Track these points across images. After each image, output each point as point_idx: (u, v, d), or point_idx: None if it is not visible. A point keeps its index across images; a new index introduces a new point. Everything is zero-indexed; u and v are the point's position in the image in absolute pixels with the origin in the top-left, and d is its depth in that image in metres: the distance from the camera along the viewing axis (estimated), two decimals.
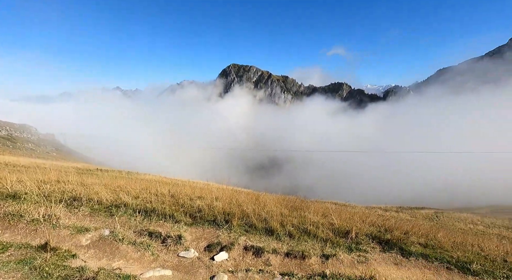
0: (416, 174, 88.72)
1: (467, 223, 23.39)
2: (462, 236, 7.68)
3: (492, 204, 40.65)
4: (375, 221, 7.97)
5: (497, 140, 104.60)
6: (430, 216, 26.57)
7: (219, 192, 8.17)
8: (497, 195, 48.11)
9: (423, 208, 32.34)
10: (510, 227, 22.21)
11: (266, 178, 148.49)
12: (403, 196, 61.39)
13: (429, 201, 48.01)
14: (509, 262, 5.34)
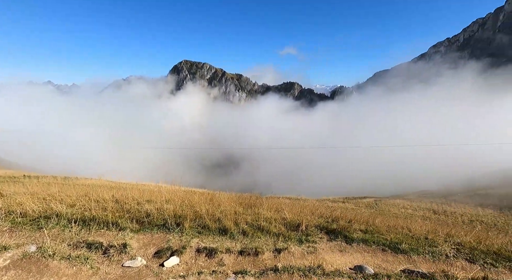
0: (360, 166, 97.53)
1: (400, 208, 26.81)
2: (395, 220, 8.72)
3: (418, 190, 47.16)
4: (323, 212, 8.53)
5: (427, 133, 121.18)
6: (371, 204, 29.69)
7: (170, 194, 7.79)
8: (423, 182, 55.94)
9: (365, 197, 35.93)
10: (432, 209, 26.17)
11: (224, 177, 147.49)
12: (349, 187, 66.99)
13: (370, 190, 53.49)
14: (429, 239, 6.24)
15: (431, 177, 58.67)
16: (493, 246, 5.91)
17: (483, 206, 27.16)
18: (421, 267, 4.86)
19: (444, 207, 27.00)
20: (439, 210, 25.05)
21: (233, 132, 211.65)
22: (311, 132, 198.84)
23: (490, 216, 23.03)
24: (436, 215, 23.74)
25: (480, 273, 4.48)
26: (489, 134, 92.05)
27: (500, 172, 47.09)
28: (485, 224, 20.17)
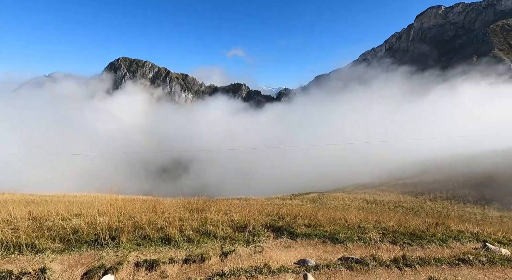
0: (307, 164, 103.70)
1: (339, 200, 29.46)
2: (334, 212, 9.50)
3: (354, 183, 52.57)
4: (270, 211, 8.78)
5: (365, 130, 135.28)
6: (315, 198, 31.89)
7: (105, 204, 7.00)
8: (358, 176, 62.47)
9: (309, 193, 38.41)
10: (365, 199, 29.46)
11: (172, 182, 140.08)
12: (297, 184, 70.54)
13: (315, 186, 57.40)
14: (361, 227, 6.97)
15: (365, 170, 65.76)
16: (409, 228, 6.91)
17: (403, 193, 31.75)
18: (355, 253, 5.38)
19: (375, 196, 30.68)
20: (370, 200, 28.34)
21: (180, 134, 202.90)
22: (260, 133, 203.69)
23: (409, 201, 27.06)
24: (368, 204, 26.80)
25: (400, 252, 5.18)
26: (415, 130, 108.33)
27: (416, 163, 55.76)
28: (405, 209, 23.62)
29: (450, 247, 5.70)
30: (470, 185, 30.27)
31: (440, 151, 61.50)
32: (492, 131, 67.69)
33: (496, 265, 4.73)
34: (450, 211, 22.01)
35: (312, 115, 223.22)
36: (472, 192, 27.89)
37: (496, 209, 23.00)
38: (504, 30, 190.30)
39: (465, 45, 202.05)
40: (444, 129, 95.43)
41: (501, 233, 6.55)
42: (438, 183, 33.29)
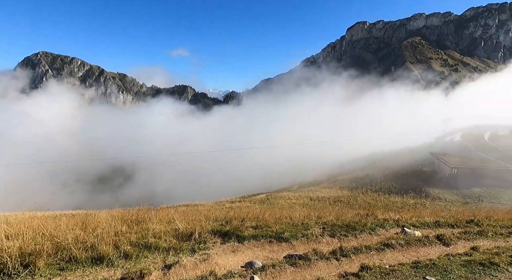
0: (256, 166, 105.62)
1: (286, 199, 30.83)
2: (280, 211, 9.85)
3: (299, 182, 55.74)
4: (218, 215, 8.62)
5: (314, 131, 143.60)
6: (264, 199, 32.71)
7: (18, 225, 5.87)
8: (303, 174, 66.41)
9: (258, 194, 39.21)
10: (309, 196, 31.50)
11: (111, 192, 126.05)
12: (247, 186, 71.13)
13: (264, 187, 58.89)
14: (305, 224, 7.38)
15: (309, 169, 70.22)
16: (346, 220, 7.60)
17: (341, 189, 35.01)
18: (299, 249, 5.65)
19: (317, 193, 33.06)
20: (314, 197, 30.43)
21: (119, 139, 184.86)
22: (209, 136, 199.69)
23: (346, 196, 29.95)
24: (312, 201, 28.72)
25: (337, 244, 5.64)
26: (357, 129, 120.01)
27: (352, 161, 62.12)
28: (343, 203, 26.06)
29: (378, 234, 6.45)
30: (392, 178, 35.10)
31: (370, 148, 69.86)
32: (411, 130, 79.80)
33: (411, 246, 5.53)
34: (378, 202, 25.11)
35: (261, 117, 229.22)
36: (394, 184, 32.38)
37: (411, 197, 27.14)
38: (412, 46, 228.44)
39: (386, 57, 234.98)
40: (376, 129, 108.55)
41: (415, 218, 7.71)
42: (368, 178, 37.65)
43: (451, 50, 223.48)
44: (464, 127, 72.99)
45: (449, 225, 7.04)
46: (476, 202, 24.50)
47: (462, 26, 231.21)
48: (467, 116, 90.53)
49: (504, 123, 69.60)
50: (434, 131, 71.98)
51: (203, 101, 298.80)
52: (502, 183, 29.10)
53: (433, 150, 44.99)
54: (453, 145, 53.81)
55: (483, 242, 5.77)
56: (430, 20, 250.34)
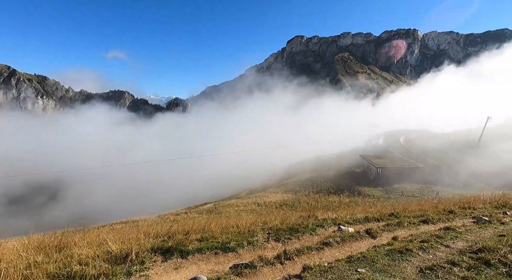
0: (204, 174, 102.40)
1: (234, 207, 30.68)
2: (227, 220, 9.71)
3: (247, 188, 56.30)
4: (159, 230, 8.01)
5: (264, 137, 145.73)
6: (211, 208, 31.91)
7: None
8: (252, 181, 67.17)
9: (206, 203, 38.13)
10: (256, 202, 32.00)
11: (30, 215, 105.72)
12: (194, 196, 68.37)
13: (213, 195, 57.56)
14: (251, 231, 7.42)
15: (257, 176, 71.43)
16: (290, 223, 7.91)
17: (286, 192, 36.61)
18: (245, 258, 5.62)
19: (264, 198, 33.83)
20: (261, 202, 31.02)
21: (39, 151, 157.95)
22: (152, 146, 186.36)
23: (291, 199, 31.42)
24: (259, 206, 29.23)
25: (282, 248, 5.82)
26: (301, 135, 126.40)
27: (296, 166, 65.67)
28: (288, 206, 27.24)
29: (318, 234, 6.89)
30: (331, 179, 38.33)
31: (312, 153, 75.12)
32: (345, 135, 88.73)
33: (346, 242, 6.06)
34: (319, 202, 27.04)
35: (209, 124, 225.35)
36: (332, 185, 35.37)
37: (347, 196, 30.04)
38: (343, 60, 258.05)
39: (322, 69, 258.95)
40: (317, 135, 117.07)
41: (349, 216, 8.51)
42: (310, 181, 40.32)
43: (373, 65, 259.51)
44: (385, 132, 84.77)
45: (375, 219, 7.97)
46: (399, 197, 28.50)
47: (380, 45, 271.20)
48: (388, 122, 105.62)
49: (415, 128, 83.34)
50: (363, 136, 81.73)
51: (144, 108, 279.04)
52: (414, 179, 34.64)
53: (363, 153, 50.93)
54: (377, 148, 61.84)
55: (401, 231, 6.70)
56: (356, 39, 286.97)
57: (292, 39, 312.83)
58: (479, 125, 47.65)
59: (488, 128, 47.01)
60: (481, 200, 10.22)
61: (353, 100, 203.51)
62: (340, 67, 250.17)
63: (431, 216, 7.83)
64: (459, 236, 5.66)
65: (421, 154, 48.83)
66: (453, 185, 32.21)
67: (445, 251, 4.79)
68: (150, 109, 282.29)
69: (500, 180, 31.12)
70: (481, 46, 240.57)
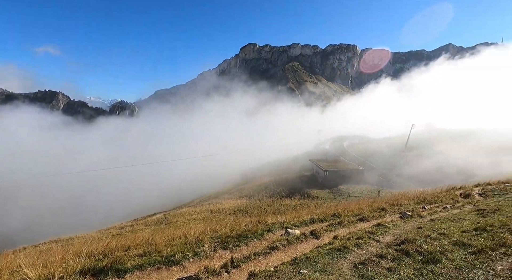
0: (155, 183, 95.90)
1: (186, 216, 29.39)
2: (174, 231, 9.20)
3: (201, 195, 54.63)
4: (95, 248, 7.18)
5: (222, 141, 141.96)
6: (161, 219, 29.99)
7: None
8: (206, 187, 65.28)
9: (154, 213, 35.71)
10: (210, 209, 31.21)
11: None
12: (143, 206, 63.69)
13: (163, 205, 54.27)
14: (199, 240, 7.14)
15: (211, 181, 69.81)
16: (239, 230, 7.86)
17: (241, 198, 36.61)
18: (190, 270, 5.36)
19: (218, 205, 33.23)
20: (214, 209, 30.37)
21: None
22: (93, 152, 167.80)
23: (244, 204, 31.50)
24: (213, 213, 28.56)
25: (229, 256, 5.72)
26: (262, 138, 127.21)
27: (249, 171, 66.29)
28: (242, 212, 27.21)
29: (266, 239, 6.98)
30: (283, 183, 39.70)
31: (266, 158, 76.86)
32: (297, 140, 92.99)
33: (292, 244, 6.27)
34: (272, 206, 27.68)
35: (160, 129, 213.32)
36: (284, 189, 36.63)
37: (297, 198, 31.41)
38: (293, 69, 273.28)
39: (274, 77, 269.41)
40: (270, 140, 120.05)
41: (296, 218, 8.87)
42: (263, 185, 41.09)
43: (319, 75, 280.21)
44: (332, 137, 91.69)
45: (320, 220, 8.46)
46: (345, 197, 30.85)
47: (325, 57, 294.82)
48: (334, 128, 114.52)
49: (357, 134, 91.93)
50: (312, 141, 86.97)
51: (83, 112, 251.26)
52: (356, 180, 38.11)
53: (312, 157, 54.12)
54: (325, 152, 66.45)
55: (341, 230, 7.22)
56: (304, 50, 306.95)
57: (245, 46, 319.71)
58: (407, 131, 55.04)
59: (413, 134, 54.63)
60: (406, 197, 11.69)
61: (304, 108, 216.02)
62: (290, 75, 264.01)
63: (367, 214, 8.64)
64: (387, 231, 6.34)
65: (362, 157, 54.07)
66: (387, 184, 36.33)
67: (376, 245, 5.30)
68: (90, 113, 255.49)
69: (424, 179, 36.30)
70: (405, 63, 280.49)
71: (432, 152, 45.62)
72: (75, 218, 77.26)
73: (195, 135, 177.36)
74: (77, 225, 48.92)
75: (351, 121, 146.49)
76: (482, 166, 33.68)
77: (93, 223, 47.95)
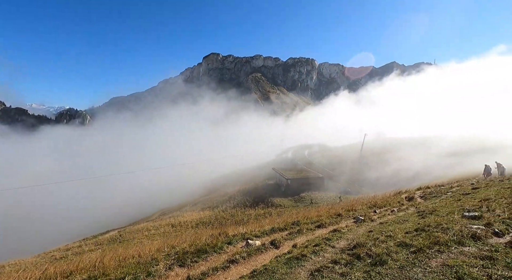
0: (109, 196, 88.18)
1: (144, 231, 27.41)
2: (126, 250, 8.47)
3: (161, 209, 51.68)
4: (28, 277, 6.28)
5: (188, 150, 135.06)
6: (115, 236, 27.50)
7: None
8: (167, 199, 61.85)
9: (107, 231, 32.68)
10: (170, 223, 29.61)
11: None
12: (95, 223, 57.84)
13: (119, 221, 49.94)
14: (155, 259, 6.67)
15: (173, 194, 66.44)
16: (199, 245, 7.55)
17: (203, 210, 35.47)
18: None
19: (179, 218, 31.69)
20: (175, 223, 28.87)
21: None
22: (36, 165, 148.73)
23: (208, 216, 30.56)
24: (173, 227, 27.09)
25: (186, 274, 5.44)
26: (230, 147, 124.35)
27: (213, 181, 64.83)
28: (205, 224, 26.31)
29: (226, 252, 6.81)
30: (247, 192, 39.60)
31: (230, 167, 76.04)
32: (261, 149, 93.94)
33: (252, 256, 6.20)
34: (236, 217, 27.29)
35: (117, 139, 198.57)
36: (248, 198, 36.53)
37: (261, 208, 31.53)
38: (256, 80, 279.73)
39: (238, 87, 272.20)
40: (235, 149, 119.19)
41: (258, 229, 8.84)
42: (227, 196, 40.48)
43: (281, 87, 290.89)
44: (293, 146, 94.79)
45: (280, 229, 8.55)
46: (308, 205, 31.74)
47: (287, 70, 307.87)
48: (296, 138, 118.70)
49: (317, 143, 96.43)
50: (276, 150, 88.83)
51: (22, 120, 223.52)
52: (317, 187, 39.69)
53: (275, 166, 55.14)
54: (287, 160, 68.27)
55: (300, 238, 7.38)
56: (267, 62, 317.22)
57: (208, 56, 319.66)
58: (360, 140, 59.49)
59: (369, 141, 59.21)
60: (360, 202, 12.49)
61: (268, 117, 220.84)
62: (254, 86, 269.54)
63: (325, 221, 8.99)
64: (342, 236, 6.65)
65: (321, 165, 56.72)
66: (346, 191, 38.50)
67: (331, 251, 5.50)
68: (32, 121, 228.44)
69: (378, 183, 39.29)
70: (357, 77, 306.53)
71: (388, 158, 49.77)
72: (12, 242, 67.04)
73: (157, 145, 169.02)
74: (15, 250, 42.42)
75: (312, 130, 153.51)
76: (434, 169, 37.40)
77: (34, 246, 42.01)
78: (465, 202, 9.00)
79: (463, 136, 53.35)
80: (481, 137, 48.67)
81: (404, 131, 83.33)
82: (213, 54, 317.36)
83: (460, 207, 7.93)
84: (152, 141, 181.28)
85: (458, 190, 13.32)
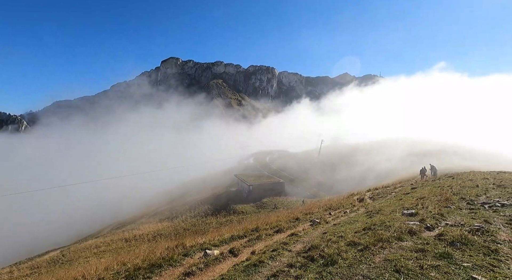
0: (50, 212, 77.86)
1: (92, 249, 24.84)
2: (67, 272, 7.60)
3: (113, 223, 47.48)
4: None
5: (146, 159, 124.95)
6: (56, 257, 24.43)
7: None
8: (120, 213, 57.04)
9: (47, 252, 28.88)
10: (124, 238, 27.36)
11: None
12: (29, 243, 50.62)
13: (62, 239, 44.51)
14: (101, 278, 6.10)
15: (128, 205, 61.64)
16: (153, 259, 7.09)
17: (161, 221, 33.58)
18: None
19: (135, 231, 29.48)
20: (130, 237, 26.79)
21: None
22: None
23: (166, 227, 28.99)
24: (128, 242, 25.06)
25: None
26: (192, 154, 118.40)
27: (170, 191, 61.94)
28: (163, 236, 24.86)
29: (183, 264, 6.52)
30: (208, 201, 38.66)
31: (190, 175, 73.45)
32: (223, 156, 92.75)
33: (210, 266, 6.04)
34: (196, 226, 26.38)
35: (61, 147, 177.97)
36: (209, 206, 35.68)
37: (223, 215, 31.02)
38: (217, 86, 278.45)
39: (198, 92, 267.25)
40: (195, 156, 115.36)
41: (217, 237, 8.66)
42: (188, 205, 39.03)
43: (243, 93, 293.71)
44: (255, 153, 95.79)
45: (240, 237, 8.50)
46: (271, 210, 32.03)
47: (248, 77, 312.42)
48: (258, 144, 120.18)
49: (277, 149, 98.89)
50: (238, 156, 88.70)
51: None
52: (278, 192, 40.55)
53: (237, 172, 54.95)
54: (249, 166, 68.63)
55: (259, 245, 7.42)
56: (228, 68, 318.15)
57: (167, 60, 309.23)
58: (318, 145, 62.71)
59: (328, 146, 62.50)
60: (317, 206, 13.09)
61: (230, 124, 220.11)
62: (215, 92, 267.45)
63: (283, 225, 9.19)
64: (299, 239, 6.87)
65: (282, 171, 58.22)
66: (304, 194, 39.98)
67: (288, 255, 5.64)
68: None
69: (334, 186, 41.61)
70: (314, 86, 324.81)
71: (343, 162, 53.03)
72: None
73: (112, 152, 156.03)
74: None
75: (275, 137, 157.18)
76: (397, 169, 40.46)
77: None
78: (405, 200, 10.03)
79: (415, 140, 58.61)
80: (426, 143, 54.42)
81: (361, 137, 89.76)
82: (173, 58, 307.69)
83: (401, 206, 8.81)
84: (106, 149, 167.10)
85: (401, 190, 14.81)
